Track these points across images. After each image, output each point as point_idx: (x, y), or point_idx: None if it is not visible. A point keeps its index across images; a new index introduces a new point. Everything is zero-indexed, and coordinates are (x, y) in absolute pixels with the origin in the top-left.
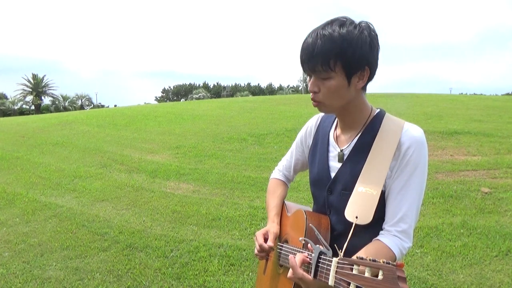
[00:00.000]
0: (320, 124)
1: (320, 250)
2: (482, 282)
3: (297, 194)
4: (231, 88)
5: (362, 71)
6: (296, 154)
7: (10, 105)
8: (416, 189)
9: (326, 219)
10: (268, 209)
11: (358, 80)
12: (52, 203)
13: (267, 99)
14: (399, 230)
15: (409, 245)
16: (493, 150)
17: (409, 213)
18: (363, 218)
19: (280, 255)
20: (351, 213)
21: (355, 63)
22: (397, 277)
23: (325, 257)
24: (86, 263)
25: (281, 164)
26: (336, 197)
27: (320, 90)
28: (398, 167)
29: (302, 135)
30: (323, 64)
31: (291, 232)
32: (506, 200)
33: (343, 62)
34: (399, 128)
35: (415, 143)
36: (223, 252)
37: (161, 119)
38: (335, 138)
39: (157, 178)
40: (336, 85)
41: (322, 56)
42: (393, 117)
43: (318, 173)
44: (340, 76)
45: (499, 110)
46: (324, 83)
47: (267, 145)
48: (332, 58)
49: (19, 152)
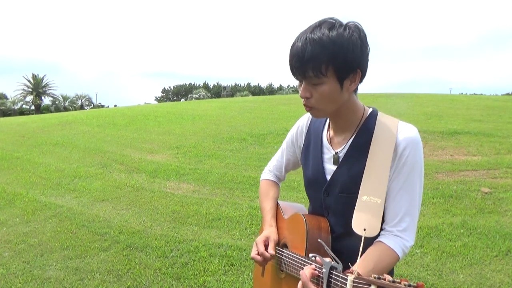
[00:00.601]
0: (311, 124)
1: (331, 264)
2: (482, 282)
3: (297, 194)
4: (231, 88)
5: (354, 74)
6: (287, 154)
7: (10, 105)
8: (415, 188)
9: (325, 222)
10: (264, 212)
11: (350, 84)
12: (52, 203)
13: (267, 99)
14: (400, 230)
15: (411, 243)
16: (493, 150)
17: (409, 212)
18: (371, 230)
19: (282, 261)
20: (359, 225)
21: (347, 67)
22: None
23: (337, 273)
24: (86, 263)
25: (271, 164)
26: (334, 199)
27: (312, 96)
28: (396, 168)
29: (293, 135)
30: (314, 69)
31: (290, 236)
32: (506, 200)
33: (334, 67)
34: (394, 129)
35: (411, 143)
36: (223, 252)
37: (161, 119)
38: (328, 139)
39: (157, 178)
40: (329, 90)
41: (313, 62)
42: (386, 116)
43: (313, 175)
44: (332, 80)
45: (499, 110)
46: (316, 88)
47: (267, 145)
48: (323, 63)
49: (19, 152)
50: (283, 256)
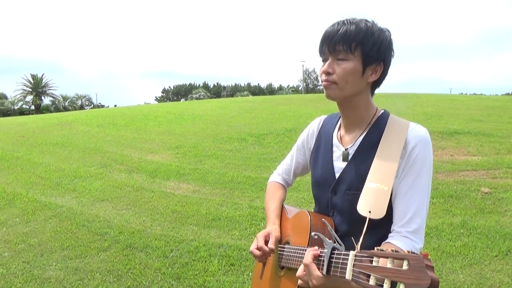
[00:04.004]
0: (323, 126)
1: (333, 245)
2: (482, 282)
3: (297, 194)
4: (231, 88)
5: (377, 65)
6: (296, 157)
7: (10, 105)
8: (424, 188)
9: (330, 220)
10: (268, 211)
11: (371, 73)
12: (52, 203)
13: (267, 99)
14: (409, 231)
15: (420, 246)
16: (493, 150)
17: (418, 213)
18: (377, 213)
19: (282, 257)
20: (364, 208)
21: (373, 54)
22: (425, 266)
23: (339, 252)
24: (86, 263)
25: (281, 167)
26: (340, 198)
27: (335, 72)
28: (405, 166)
29: (304, 138)
30: (345, 44)
31: (293, 234)
32: (506, 200)
33: (362, 49)
34: (405, 127)
35: (421, 142)
36: (223, 252)
37: (161, 119)
38: (339, 138)
39: (157, 178)
40: (352, 68)
41: (345, 37)
42: (397, 118)
43: (322, 174)
44: (357, 61)
45: (499, 110)
46: (340, 64)
47: (267, 145)
48: (354, 41)
49: (19, 152)
50: (284, 251)
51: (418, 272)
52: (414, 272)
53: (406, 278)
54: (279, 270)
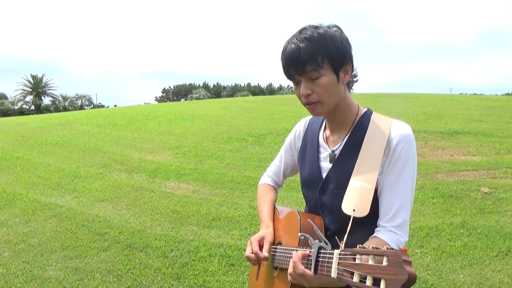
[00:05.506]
0: (309, 127)
1: (320, 245)
2: (482, 282)
3: (297, 194)
4: (231, 88)
5: (346, 66)
6: (285, 158)
7: (10, 105)
8: (407, 183)
9: (319, 219)
10: (261, 213)
11: (344, 75)
12: (52, 203)
13: (267, 99)
14: (394, 225)
15: (405, 239)
16: (493, 150)
17: (403, 208)
18: (361, 211)
19: (275, 257)
20: (348, 206)
21: (340, 57)
22: (402, 261)
23: (325, 251)
24: (86, 263)
25: (270, 169)
26: (329, 197)
27: (313, 91)
28: (389, 163)
29: (291, 139)
30: (312, 63)
31: (284, 234)
32: (506, 200)
33: (329, 58)
34: (388, 125)
35: (404, 139)
36: (223, 252)
37: (161, 119)
38: (325, 139)
39: (157, 178)
40: (328, 81)
41: (309, 56)
42: (380, 116)
43: (309, 174)
44: (329, 72)
45: (499, 110)
46: (316, 82)
47: (267, 145)
48: (319, 55)
49: (19, 152)
50: (277, 252)
51: (396, 267)
52: (393, 268)
53: (386, 274)
54: (273, 270)
